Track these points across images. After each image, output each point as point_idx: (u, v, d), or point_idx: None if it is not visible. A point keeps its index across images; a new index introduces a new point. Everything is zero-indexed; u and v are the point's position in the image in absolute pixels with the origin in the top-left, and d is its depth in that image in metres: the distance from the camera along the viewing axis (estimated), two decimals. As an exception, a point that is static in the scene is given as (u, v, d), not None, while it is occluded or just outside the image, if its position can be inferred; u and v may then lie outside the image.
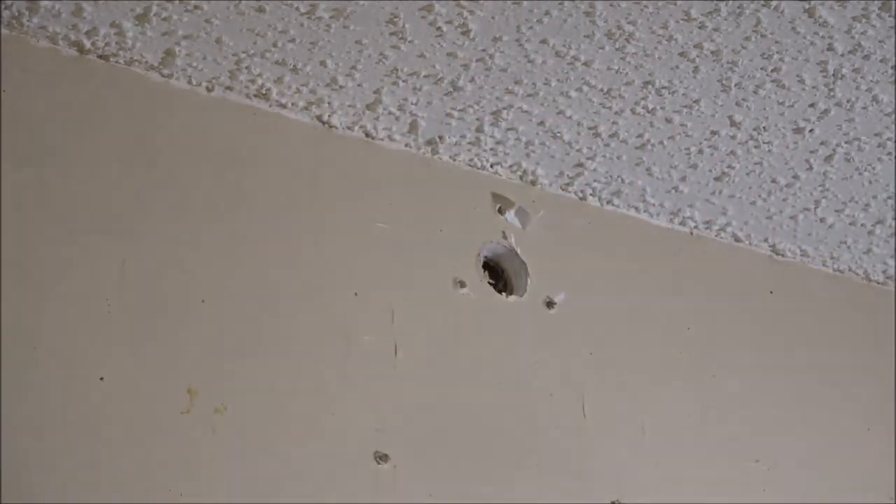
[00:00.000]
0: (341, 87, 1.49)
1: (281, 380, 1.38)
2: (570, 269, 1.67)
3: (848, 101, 1.56)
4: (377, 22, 1.40)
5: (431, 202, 1.60)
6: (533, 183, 1.69)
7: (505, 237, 1.64)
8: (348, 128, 1.57)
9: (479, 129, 1.59)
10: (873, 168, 1.70)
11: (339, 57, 1.45)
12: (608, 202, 1.75)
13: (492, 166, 1.66)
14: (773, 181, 1.72)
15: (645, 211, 1.77)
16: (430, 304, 1.53)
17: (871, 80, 1.52)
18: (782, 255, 1.89)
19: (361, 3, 1.37)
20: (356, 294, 1.48)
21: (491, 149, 1.62)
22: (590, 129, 1.60)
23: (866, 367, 1.90)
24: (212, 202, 1.43)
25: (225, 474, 1.31)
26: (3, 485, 1.19)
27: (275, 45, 1.42)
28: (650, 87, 1.52)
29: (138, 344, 1.31)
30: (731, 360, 1.76)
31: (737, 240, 1.85)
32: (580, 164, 1.67)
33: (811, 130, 1.62)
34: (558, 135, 1.61)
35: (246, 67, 1.45)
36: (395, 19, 1.39)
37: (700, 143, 1.64)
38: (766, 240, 1.86)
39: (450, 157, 1.64)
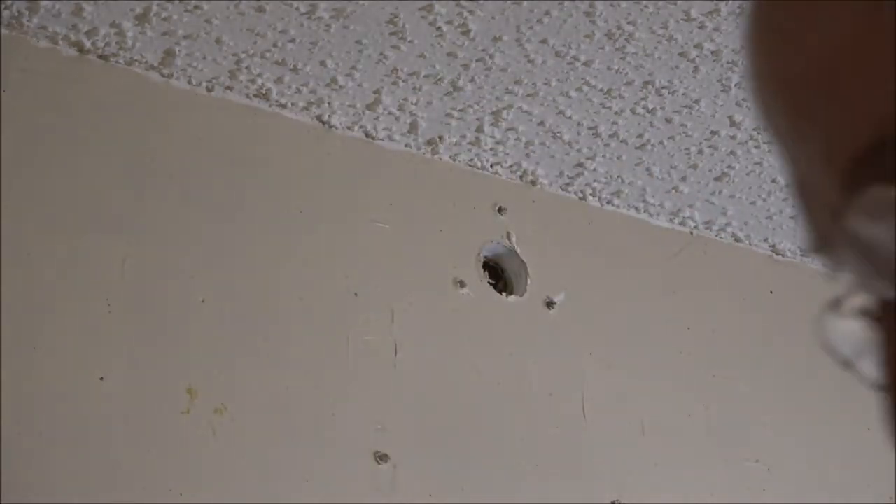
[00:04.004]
0: (341, 87, 1.49)
1: (281, 380, 1.38)
2: (570, 269, 1.67)
3: (848, 101, 1.56)
4: (377, 22, 1.40)
5: (431, 202, 1.60)
6: (533, 183, 1.69)
7: (505, 237, 1.64)
8: (348, 128, 1.57)
9: (479, 129, 1.59)
10: (873, 168, 1.70)
11: (339, 57, 1.45)
12: (608, 202, 1.75)
13: (492, 166, 1.66)
14: (773, 181, 1.72)
15: (645, 211, 1.77)
16: (430, 304, 1.53)
17: (871, 80, 1.52)
18: (782, 255, 1.89)
19: (361, 3, 1.37)
20: (356, 294, 1.48)
21: (491, 149, 1.62)
22: (590, 129, 1.60)
23: (866, 367, 1.90)
24: (212, 202, 1.43)
25: (225, 474, 1.31)
26: (3, 485, 1.18)
27: (275, 45, 1.42)
28: (650, 87, 1.52)
29: (138, 344, 1.31)
30: (730, 360, 1.76)
31: (737, 240, 1.85)
32: (580, 164, 1.67)
33: (811, 130, 1.62)
34: (558, 135, 1.61)
35: (246, 67, 1.45)
36: (395, 19, 1.39)
37: (700, 143, 1.64)
38: (766, 240, 1.86)
39: (450, 157, 1.64)
